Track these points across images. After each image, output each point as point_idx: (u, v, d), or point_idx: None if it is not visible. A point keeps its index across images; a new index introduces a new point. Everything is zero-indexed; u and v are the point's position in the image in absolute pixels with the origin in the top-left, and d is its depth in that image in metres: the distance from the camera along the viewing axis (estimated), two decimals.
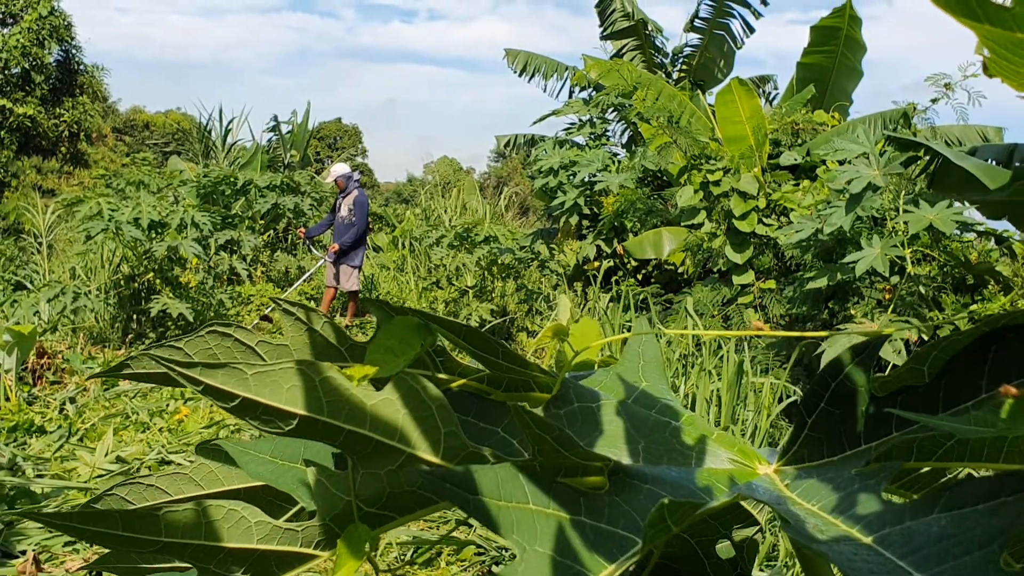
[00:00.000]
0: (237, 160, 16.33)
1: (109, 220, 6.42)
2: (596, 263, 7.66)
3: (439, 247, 7.81)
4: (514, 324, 7.59)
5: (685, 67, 10.77)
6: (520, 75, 10.71)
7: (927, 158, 4.68)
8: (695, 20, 10.31)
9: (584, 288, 7.83)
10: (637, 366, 0.52)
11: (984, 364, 0.40)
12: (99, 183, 11.71)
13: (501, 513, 0.37)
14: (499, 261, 7.61)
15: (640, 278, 7.33)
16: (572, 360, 0.46)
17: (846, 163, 4.82)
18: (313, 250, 10.24)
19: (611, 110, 9.29)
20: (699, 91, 9.69)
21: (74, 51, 19.77)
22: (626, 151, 9.87)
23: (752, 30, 10.33)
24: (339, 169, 8.43)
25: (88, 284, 7.51)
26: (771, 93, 11.52)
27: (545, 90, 10.77)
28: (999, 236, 4.87)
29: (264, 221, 10.59)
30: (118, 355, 6.38)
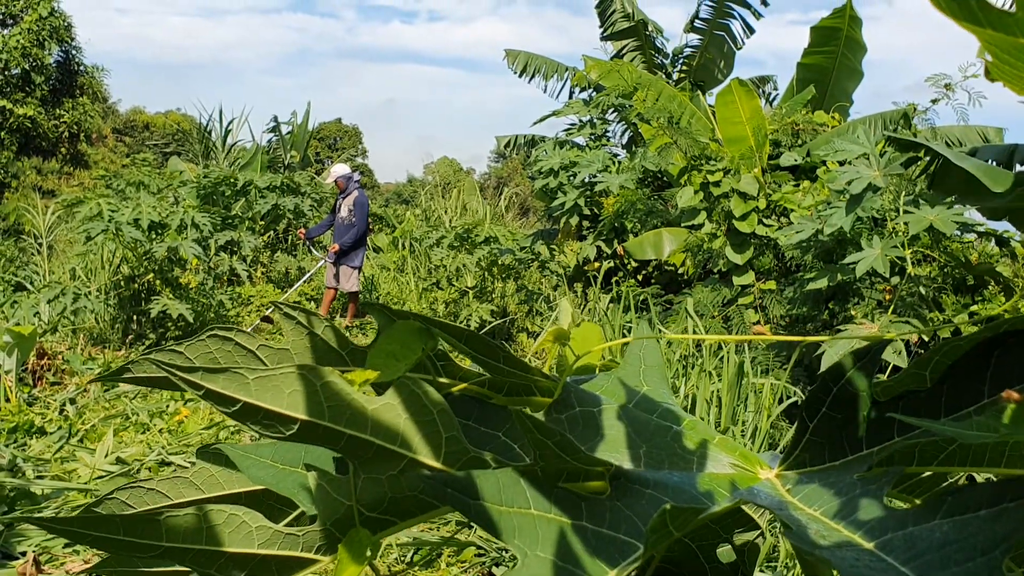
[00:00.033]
0: (237, 161, 16.33)
1: (109, 221, 6.42)
2: (596, 264, 7.66)
3: (439, 248, 7.81)
4: (514, 325, 7.58)
5: (685, 68, 10.77)
6: (520, 76, 10.71)
7: (927, 159, 4.69)
8: (695, 21, 10.32)
9: (584, 289, 7.83)
10: (638, 370, 0.52)
11: (986, 369, 0.40)
12: (99, 184, 11.72)
13: (503, 518, 0.37)
14: (499, 262, 7.61)
15: (640, 279, 7.33)
16: (573, 364, 0.46)
17: (846, 164, 4.82)
18: (313, 251, 10.25)
19: (611, 111, 9.29)
20: (699, 92, 9.70)
21: (74, 52, 19.78)
22: (626, 152, 9.88)
23: (752, 31, 10.34)
24: (339, 170, 8.43)
25: (88, 285, 7.51)
26: (771, 94, 11.53)
27: (545, 91, 10.77)
28: (999, 237, 4.87)
29: (264, 222, 10.59)
30: (118, 356, 6.37)
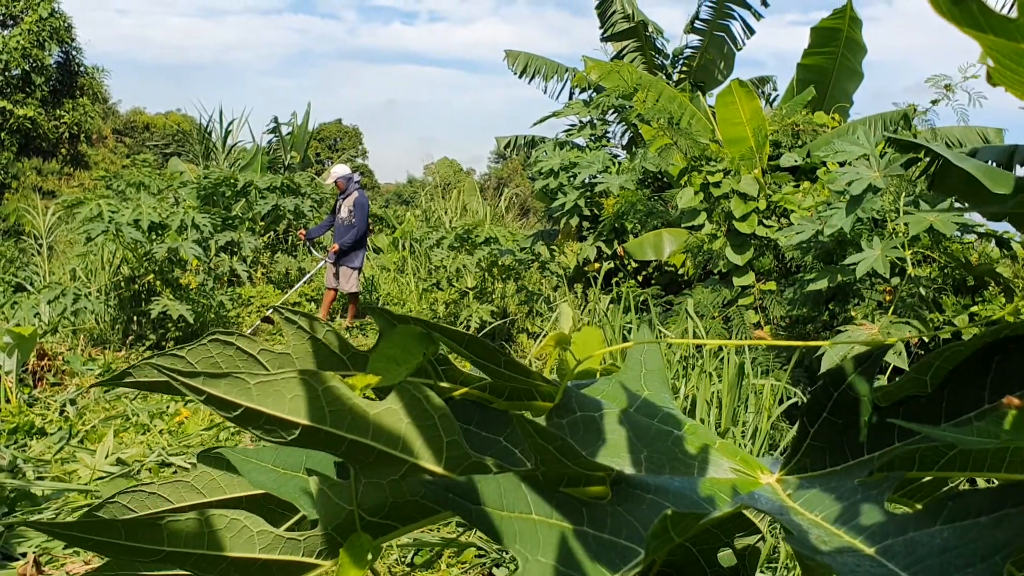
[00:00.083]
0: (237, 161, 16.34)
1: (109, 222, 6.42)
2: (596, 264, 7.66)
3: (439, 248, 7.81)
4: (515, 326, 7.58)
5: (685, 68, 10.77)
6: (520, 76, 10.71)
7: (927, 159, 4.69)
8: (695, 22, 10.32)
9: (584, 289, 7.83)
10: (639, 375, 0.52)
11: (987, 375, 0.40)
12: (99, 185, 11.72)
13: (504, 523, 0.37)
14: (499, 262, 7.61)
15: (640, 279, 7.33)
16: (574, 369, 0.46)
17: (846, 165, 4.82)
18: (314, 251, 10.26)
19: (611, 112, 9.29)
20: (699, 93, 9.70)
21: (74, 53, 19.79)
22: (626, 153, 9.88)
23: (752, 31, 10.34)
24: (339, 170, 8.43)
25: (88, 286, 7.51)
26: (771, 94, 11.53)
27: (545, 91, 10.77)
28: (1000, 238, 4.87)
29: (264, 223, 10.60)
30: (118, 357, 6.37)
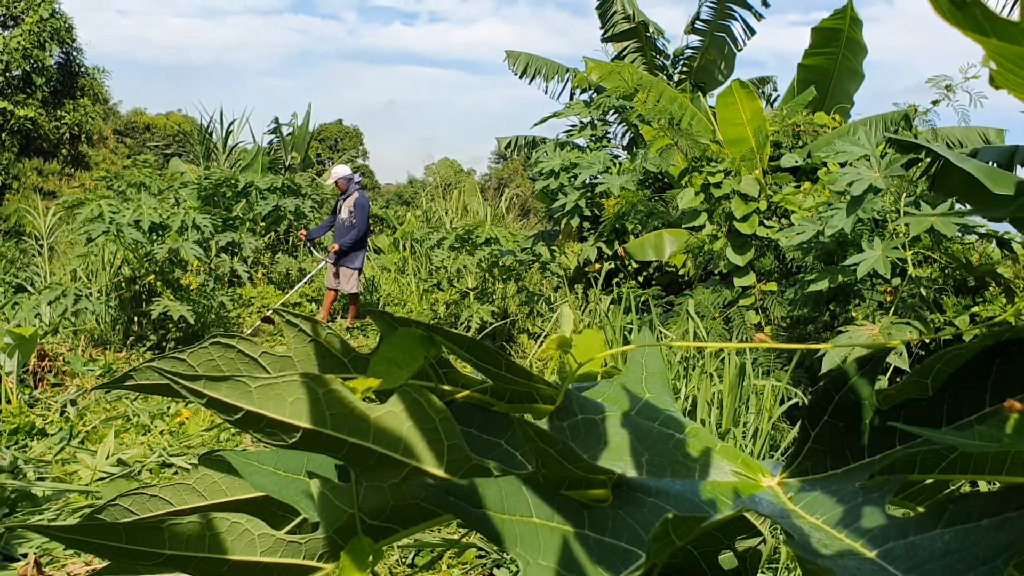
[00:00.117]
0: (238, 162, 16.34)
1: (110, 222, 6.43)
2: (597, 265, 7.66)
3: (440, 249, 7.80)
4: (515, 326, 7.58)
5: (686, 69, 10.77)
6: (521, 77, 10.71)
7: (928, 160, 4.68)
8: (696, 22, 10.32)
9: (585, 290, 7.83)
10: (640, 377, 0.52)
11: (987, 378, 0.40)
12: (100, 185, 11.73)
13: (505, 526, 0.37)
14: (500, 263, 7.60)
15: (641, 280, 7.33)
16: (575, 372, 0.46)
17: (847, 165, 4.82)
18: (314, 252, 10.26)
19: (612, 112, 9.29)
20: (700, 93, 9.70)
21: (75, 53, 19.81)
22: (627, 153, 9.88)
23: (753, 32, 10.34)
24: (340, 171, 8.44)
25: (89, 286, 7.52)
26: (771, 95, 11.53)
27: (546, 92, 10.76)
28: (1000, 238, 4.87)
29: (265, 223, 10.60)
30: (119, 357, 6.38)
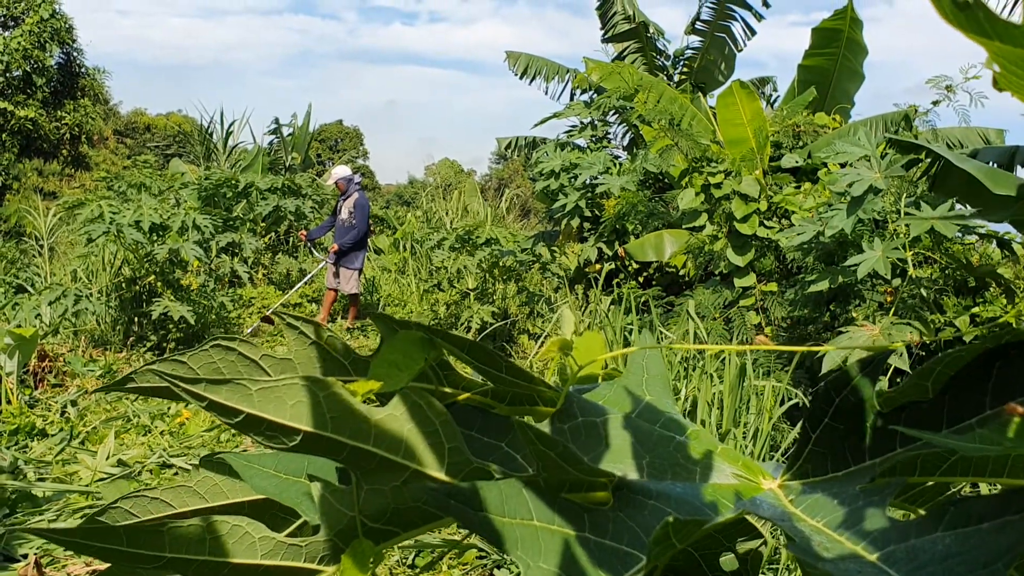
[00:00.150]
0: (238, 162, 16.34)
1: (110, 223, 6.43)
2: (597, 265, 7.66)
3: (440, 249, 7.80)
4: (516, 327, 7.58)
5: (686, 70, 10.77)
6: (521, 77, 10.71)
7: (928, 160, 4.68)
8: (696, 23, 10.32)
9: (585, 290, 7.82)
10: (641, 380, 0.52)
11: (988, 381, 0.40)
12: (100, 186, 11.73)
13: (505, 529, 0.37)
14: (500, 263, 7.60)
15: (641, 280, 7.33)
16: (576, 375, 0.46)
17: (847, 166, 4.82)
18: (315, 252, 10.27)
19: (612, 113, 9.29)
20: (700, 94, 9.70)
21: (75, 54, 19.82)
22: (627, 154, 9.88)
23: (753, 32, 10.33)
24: (340, 172, 8.44)
25: (89, 287, 7.52)
26: (771, 95, 11.52)
27: (546, 92, 10.76)
28: (1001, 239, 4.87)
29: (265, 224, 10.60)
30: (119, 358, 6.38)
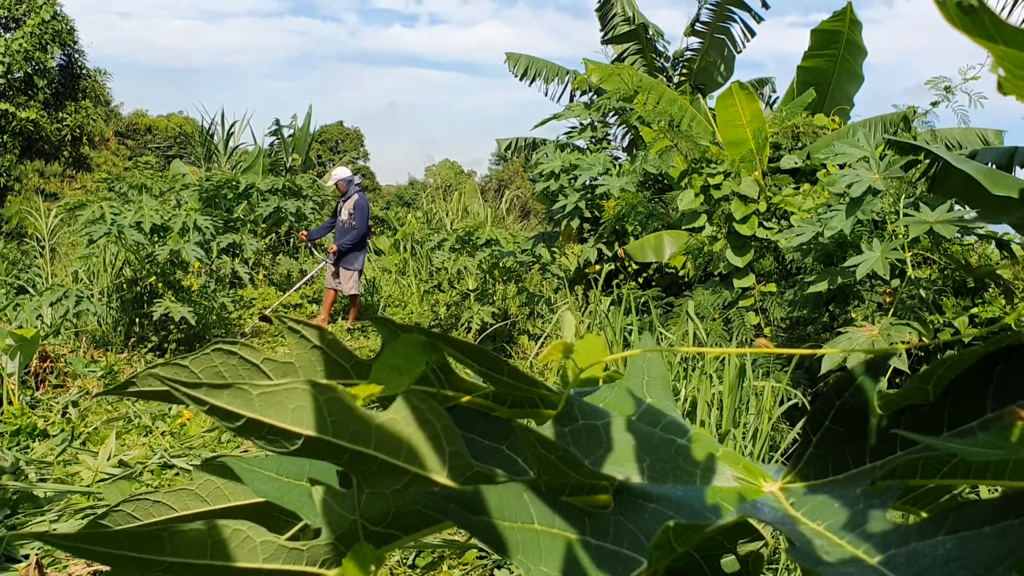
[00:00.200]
0: (239, 164, 16.36)
1: (111, 224, 6.43)
2: (597, 266, 7.66)
3: (441, 250, 7.81)
4: (516, 327, 7.59)
5: (686, 71, 10.78)
6: (521, 79, 10.72)
7: (927, 162, 4.69)
8: (696, 24, 10.32)
9: (585, 291, 7.82)
10: (642, 382, 0.52)
11: (988, 384, 0.40)
12: (102, 187, 11.74)
13: (506, 533, 0.37)
14: (500, 264, 7.61)
15: (641, 281, 7.33)
16: (576, 378, 0.46)
17: (846, 167, 4.82)
18: (316, 253, 10.28)
19: (612, 114, 9.29)
20: (700, 95, 9.71)
21: (77, 55, 19.84)
22: (627, 155, 9.88)
23: (753, 34, 10.34)
24: (340, 173, 8.45)
25: (91, 288, 7.52)
26: (770, 96, 11.53)
27: (546, 94, 10.77)
28: (1000, 240, 4.87)
29: (266, 225, 10.61)
30: (120, 358, 6.38)
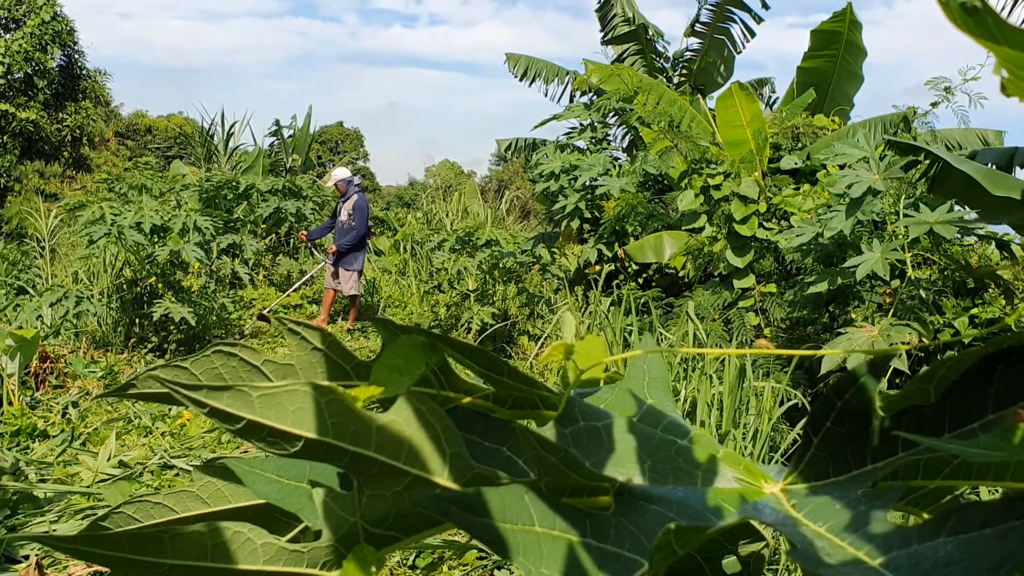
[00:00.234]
0: (239, 164, 16.36)
1: (111, 224, 6.44)
2: (597, 267, 7.66)
3: (441, 251, 7.81)
4: (516, 328, 7.59)
5: (686, 71, 10.77)
6: (521, 79, 10.72)
7: (927, 162, 4.69)
8: (696, 25, 10.32)
9: (585, 292, 7.82)
10: (642, 383, 0.52)
11: (990, 385, 0.40)
12: (102, 187, 11.74)
13: (507, 535, 0.37)
14: (500, 265, 7.61)
15: (641, 282, 7.33)
16: (577, 379, 0.46)
17: (846, 167, 4.82)
18: (315, 253, 10.29)
19: (612, 115, 9.29)
20: (700, 95, 9.71)
21: (77, 56, 19.83)
22: (627, 155, 9.88)
23: (753, 34, 10.34)
24: (340, 174, 8.45)
25: (91, 288, 7.52)
26: (769, 96, 11.53)
27: (546, 94, 10.76)
28: (1000, 240, 4.87)
29: (266, 225, 10.61)
30: (120, 359, 6.38)
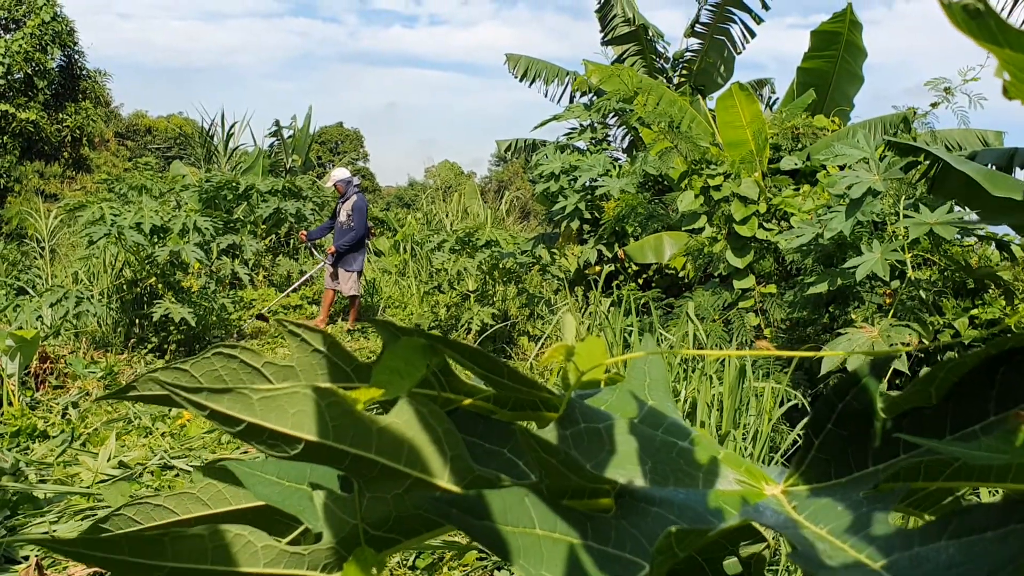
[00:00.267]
0: (239, 165, 16.36)
1: (111, 225, 6.43)
2: (597, 267, 7.66)
3: (440, 251, 7.81)
4: (515, 328, 7.59)
5: (686, 72, 10.78)
6: (521, 80, 10.72)
7: (927, 163, 4.69)
8: (696, 25, 10.32)
9: (585, 292, 7.82)
10: (643, 384, 0.52)
11: (991, 387, 0.40)
12: (102, 188, 11.74)
13: (508, 537, 0.37)
14: (500, 265, 7.61)
15: (641, 282, 7.33)
16: (577, 380, 0.46)
17: (846, 168, 4.82)
18: (315, 254, 10.29)
19: (612, 115, 9.29)
20: (700, 96, 9.71)
21: (77, 56, 19.83)
22: (627, 156, 9.88)
23: (753, 35, 10.34)
24: (339, 174, 8.45)
25: (91, 289, 7.52)
26: (770, 97, 11.53)
27: (546, 95, 10.76)
28: (1000, 241, 4.87)
29: (266, 226, 10.61)
30: (120, 359, 6.38)
